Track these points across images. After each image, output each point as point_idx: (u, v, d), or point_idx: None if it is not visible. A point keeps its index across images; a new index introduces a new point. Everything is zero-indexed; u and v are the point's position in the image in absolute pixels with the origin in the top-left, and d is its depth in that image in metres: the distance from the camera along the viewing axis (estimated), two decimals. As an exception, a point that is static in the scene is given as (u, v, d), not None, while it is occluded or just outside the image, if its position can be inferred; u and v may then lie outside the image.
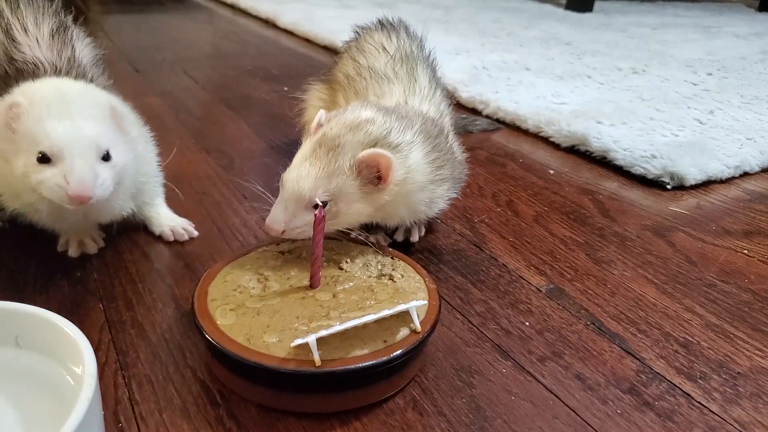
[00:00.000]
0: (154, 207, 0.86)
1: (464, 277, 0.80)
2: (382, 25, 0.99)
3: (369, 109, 0.73)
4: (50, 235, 0.81)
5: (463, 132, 1.33)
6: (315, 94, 1.04)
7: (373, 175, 0.68)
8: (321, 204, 0.63)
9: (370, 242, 0.76)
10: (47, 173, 0.63)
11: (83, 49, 0.84)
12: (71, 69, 0.78)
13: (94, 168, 0.64)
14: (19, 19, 0.77)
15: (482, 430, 0.56)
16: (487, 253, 0.86)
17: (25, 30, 0.77)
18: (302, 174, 0.67)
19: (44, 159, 0.63)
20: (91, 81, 0.79)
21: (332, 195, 0.67)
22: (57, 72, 0.76)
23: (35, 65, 0.75)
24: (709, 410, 0.59)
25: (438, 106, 0.88)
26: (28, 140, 0.64)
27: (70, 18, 0.84)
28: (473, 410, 0.58)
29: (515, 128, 1.39)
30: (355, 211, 0.70)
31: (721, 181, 1.14)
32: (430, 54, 0.98)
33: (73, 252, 0.79)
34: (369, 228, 0.82)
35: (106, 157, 0.66)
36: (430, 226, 0.91)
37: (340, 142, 0.68)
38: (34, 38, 0.77)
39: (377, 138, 0.70)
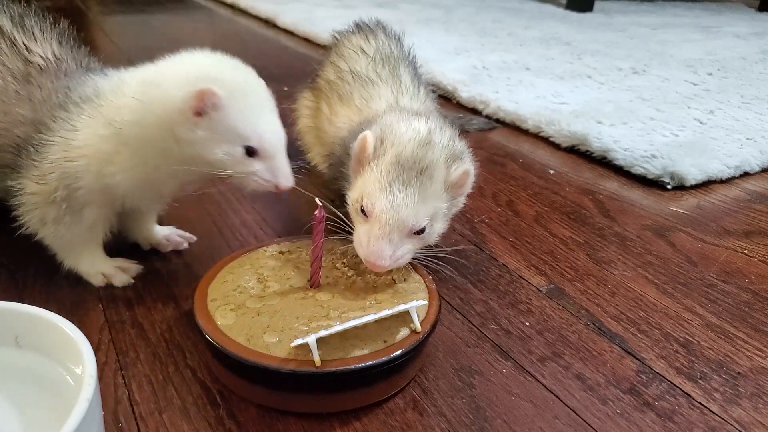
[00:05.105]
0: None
1: (464, 277, 0.80)
2: (359, 27, 0.98)
3: (416, 118, 0.73)
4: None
5: (460, 131, 1.33)
6: (303, 103, 1.05)
7: (456, 190, 0.70)
8: (321, 204, 0.63)
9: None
10: None
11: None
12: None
13: None
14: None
15: (482, 430, 0.56)
16: (487, 253, 0.86)
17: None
18: (397, 203, 0.64)
19: None
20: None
21: (430, 217, 0.66)
22: None
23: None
24: (710, 410, 0.59)
25: (424, 103, 0.88)
26: None
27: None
28: (473, 410, 0.58)
29: (515, 128, 1.39)
30: (442, 227, 0.70)
31: (722, 181, 1.14)
32: (410, 52, 0.97)
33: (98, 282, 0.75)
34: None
35: None
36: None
37: (426, 164, 0.66)
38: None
39: (454, 153, 0.70)
